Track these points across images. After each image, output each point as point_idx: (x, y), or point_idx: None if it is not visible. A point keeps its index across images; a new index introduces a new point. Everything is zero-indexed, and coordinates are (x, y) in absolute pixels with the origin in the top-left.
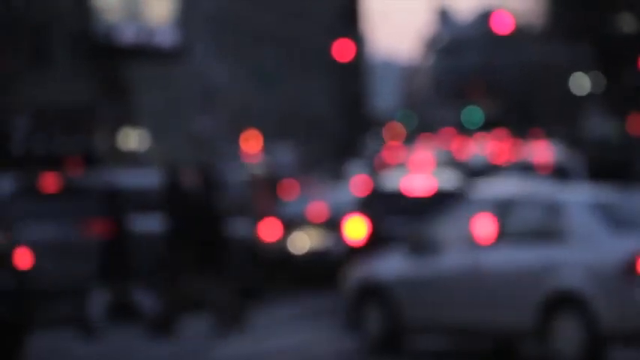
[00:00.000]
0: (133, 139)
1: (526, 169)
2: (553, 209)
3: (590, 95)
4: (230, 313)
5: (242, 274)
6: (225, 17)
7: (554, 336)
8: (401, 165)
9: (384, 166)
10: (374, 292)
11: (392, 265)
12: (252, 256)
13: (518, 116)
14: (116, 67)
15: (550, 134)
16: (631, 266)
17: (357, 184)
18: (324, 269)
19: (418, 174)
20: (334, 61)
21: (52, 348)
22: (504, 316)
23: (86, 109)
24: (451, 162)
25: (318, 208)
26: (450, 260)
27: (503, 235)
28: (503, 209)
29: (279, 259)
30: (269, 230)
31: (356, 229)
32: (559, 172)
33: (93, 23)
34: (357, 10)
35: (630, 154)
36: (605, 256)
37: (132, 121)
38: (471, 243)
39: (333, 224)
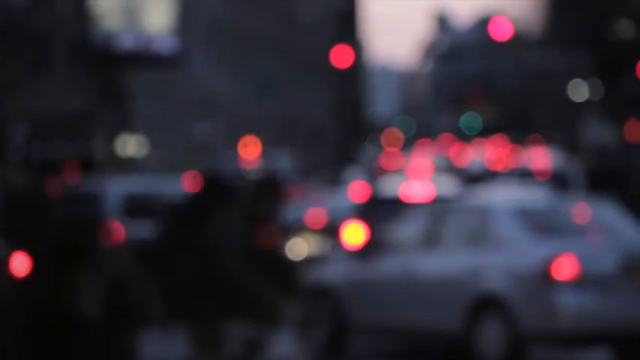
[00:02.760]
0: (131, 145)
1: (525, 175)
2: (480, 215)
3: (588, 102)
4: None
5: None
6: (223, 24)
7: (480, 337)
8: (399, 171)
9: (383, 172)
10: (324, 294)
11: (340, 268)
12: None
13: (517, 123)
14: (115, 74)
15: (548, 141)
16: (548, 270)
17: (356, 190)
18: None
19: (416, 180)
20: (332, 68)
21: None
22: (437, 319)
23: (84, 116)
24: (449, 168)
25: (316, 214)
26: (390, 264)
27: (439, 240)
28: (438, 215)
29: None
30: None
31: (354, 235)
32: (557, 179)
33: (92, 30)
34: (355, 17)
35: (628, 159)
36: (525, 260)
37: (130, 127)
38: (410, 247)
39: (331, 230)
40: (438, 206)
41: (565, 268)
